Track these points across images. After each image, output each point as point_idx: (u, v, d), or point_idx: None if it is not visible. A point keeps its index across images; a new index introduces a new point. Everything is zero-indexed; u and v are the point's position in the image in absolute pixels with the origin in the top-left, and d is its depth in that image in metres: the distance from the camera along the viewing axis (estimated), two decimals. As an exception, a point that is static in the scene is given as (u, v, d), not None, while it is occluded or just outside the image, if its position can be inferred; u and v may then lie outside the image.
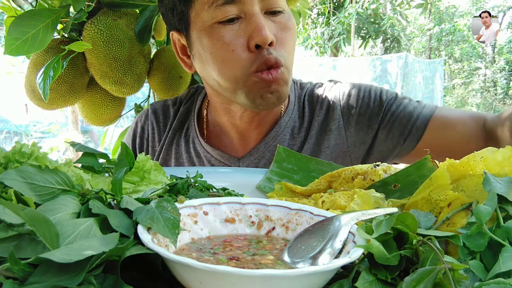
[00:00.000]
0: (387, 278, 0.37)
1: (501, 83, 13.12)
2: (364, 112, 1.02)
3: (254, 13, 0.87)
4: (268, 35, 0.86)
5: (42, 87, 1.08)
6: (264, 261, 0.41)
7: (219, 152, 1.06)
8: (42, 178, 0.42)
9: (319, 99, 1.07)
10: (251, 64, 0.88)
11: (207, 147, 1.07)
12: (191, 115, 1.13)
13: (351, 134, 1.02)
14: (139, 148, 1.17)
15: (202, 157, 1.08)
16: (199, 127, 1.11)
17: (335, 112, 1.03)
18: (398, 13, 10.63)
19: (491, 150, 0.55)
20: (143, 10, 1.27)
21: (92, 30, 1.20)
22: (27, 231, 0.35)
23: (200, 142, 1.09)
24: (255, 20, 0.86)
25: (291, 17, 0.94)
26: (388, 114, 1.00)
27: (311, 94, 1.09)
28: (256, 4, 0.87)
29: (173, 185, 0.57)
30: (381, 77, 9.69)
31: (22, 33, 0.99)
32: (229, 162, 1.05)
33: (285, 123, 1.05)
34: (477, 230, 0.42)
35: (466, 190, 0.54)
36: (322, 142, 1.02)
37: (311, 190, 0.72)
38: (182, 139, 1.11)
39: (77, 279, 0.31)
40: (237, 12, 0.87)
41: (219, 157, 1.06)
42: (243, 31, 0.87)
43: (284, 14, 0.92)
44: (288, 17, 0.93)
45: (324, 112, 1.05)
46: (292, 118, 1.06)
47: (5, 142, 6.62)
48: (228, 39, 0.88)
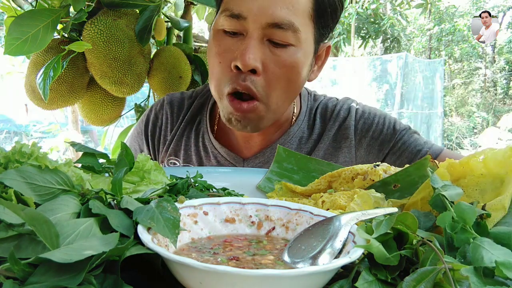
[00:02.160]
0: (387, 278, 0.37)
1: (501, 83, 13.12)
2: (377, 136, 1.03)
3: (251, 35, 0.84)
4: (248, 60, 0.82)
5: (42, 87, 1.08)
6: (264, 261, 0.41)
7: (226, 150, 1.06)
8: (42, 178, 0.42)
9: (333, 114, 1.06)
10: (227, 83, 0.88)
11: (216, 143, 1.07)
12: (204, 110, 1.13)
13: (361, 155, 1.04)
14: (150, 134, 1.17)
15: (209, 153, 1.09)
16: (211, 123, 1.11)
17: (348, 131, 1.04)
18: (398, 13, 10.63)
19: (491, 150, 0.55)
20: (143, 10, 1.27)
21: (92, 30, 1.20)
22: (27, 231, 0.35)
23: (210, 138, 1.09)
24: (247, 42, 0.84)
25: (296, 55, 0.87)
26: (400, 142, 1.02)
27: (324, 107, 1.09)
28: (257, 29, 0.84)
29: (173, 185, 0.57)
30: (381, 77, 9.69)
31: (22, 33, 0.99)
32: (234, 161, 1.05)
33: (293, 132, 1.05)
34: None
35: (466, 189, 0.54)
36: (330, 157, 1.03)
37: (311, 190, 0.72)
38: (193, 132, 1.12)
39: (77, 279, 0.31)
40: (240, 28, 0.86)
41: (226, 155, 1.06)
42: (236, 48, 0.86)
43: (288, 49, 0.86)
44: (293, 53, 0.86)
45: (336, 128, 1.05)
46: (301, 128, 1.06)
47: (5, 142, 6.62)
48: (222, 49, 0.88)
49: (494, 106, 11.92)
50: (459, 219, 0.43)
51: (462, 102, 12.58)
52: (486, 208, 0.49)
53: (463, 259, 0.40)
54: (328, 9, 0.89)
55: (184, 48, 1.45)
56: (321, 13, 0.89)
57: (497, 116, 10.63)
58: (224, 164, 1.07)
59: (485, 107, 12.01)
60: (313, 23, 0.89)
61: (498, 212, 0.48)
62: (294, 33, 0.84)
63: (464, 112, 12.05)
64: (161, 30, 1.39)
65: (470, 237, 0.41)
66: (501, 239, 0.42)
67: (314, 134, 1.06)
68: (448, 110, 12.05)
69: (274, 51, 0.85)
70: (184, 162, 1.12)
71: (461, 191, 0.48)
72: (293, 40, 0.85)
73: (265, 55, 0.85)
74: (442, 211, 0.45)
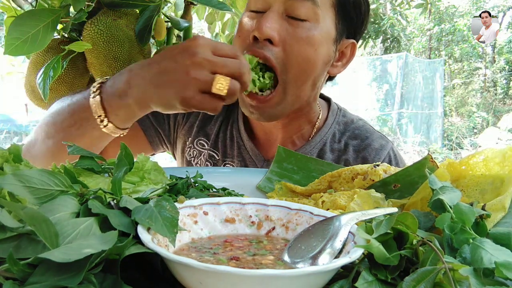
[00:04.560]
0: (387, 278, 0.37)
1: (501, 83, 13.11)
2: None
3: (272, 9, 0.88)
4: (265, 29, 0.85)
5: (42, 87, 1.08)
6: (264, 261, 0.41)
7: (252, 145, 1.06)
8: (40, 181, 0.42)
9: (363, 144, 1.05)
10: (246, 48, 0.89)
11: (244, 135, 1.07)
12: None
13: None
14: None
15: (234, 142, 1.08)
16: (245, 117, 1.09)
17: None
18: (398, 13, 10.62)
19: (491, 150, 0.55)
20: (143, 10, 1.26)
21: (92, 30, 1.19)
22: (27, 231, 0.35)
23: (239, 127, 1.08)
24: (266, 14, 0.87)
25: (313, 31, 0.89)
26: None
27: (354, 136, 1.07)
28: (278, 4, 0.88)
29: (173, 185, 0.57)
30: (381, 77, 9.68)
31: (22, 33, 0.99)
32: (256, 159, 1.05)
33: (315, 143, 1.05)
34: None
35: (466, 189, 0.54)
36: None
37: (311, 190, 0.72)
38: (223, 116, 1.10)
39: (77, 278, 0.31)
40: (264, 6, 0.89)
41: (250, 149, 1.06)
42: (256, 22, 0.89)
43: (305, 24, 0.88)
44: (309, 29, 0.89)
45: (360, 162, 1.03)
46: (324, 139, 1.06)
47: (5, 142, 6.62)
48: (243, 24, 0.92)
49: (494, 106, 11.91)
50: (458, 220, 0.43)
51: (462, 102, 12.57)
52: (486, 208, 0.48)
53: (463, 260, 0.40)
54: (350, 1, 0.93)
55: (184, 48, 1.44)
56: (343, 4, 0.92)
57: (497, 116, 10.62)
58: (245, 157, 1.07)
59: (485, 107, 12.00)
60: (334, 11, 0.92)
61: (498, 212, 0.48)
62: (313, 6, 0.88)
63: (464, 112, 12.05)
64: (161, 30, 1.39)
65: (469, 237, 0.41)
66: (500, 239, 0.42)
67: (335, 151, 1.05)
68: (448, 110, 12.05)
69: (292, 25, 0.88)
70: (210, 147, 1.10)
71: (460, 194, 0.48)
72: (311, 15, 0.88)
73: (282, 27, 0.88)
74: (442, 213, 0.45)
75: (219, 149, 1.09)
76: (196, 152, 1.11)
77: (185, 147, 1.13)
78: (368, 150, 1.04)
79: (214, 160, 1.10)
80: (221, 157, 1.09)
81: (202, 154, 1.10)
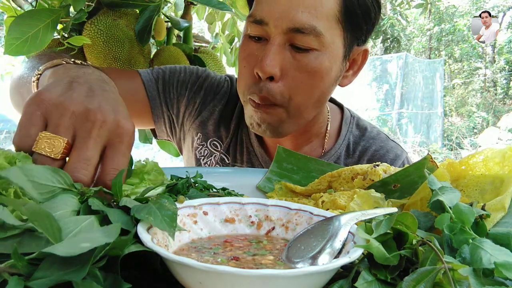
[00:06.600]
0: (386, 278, 0.37)
1: (501, 83, 13.12)
2: None
3: (273, 41, 0.84)
4: (266, 67, 0.82)
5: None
6: (264, 261, 0.41)
7: (262, 151, 1.05)
8: (44, 177, 0.42)
9: (377, 155, 1.04)
10: (250, 88, 0.88)
11: (255, 141, 1.06)
12: None
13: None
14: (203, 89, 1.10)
15: (244, 147, 1.07)
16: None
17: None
18: (398, 13, 10.63)
19: (491, 150, 0.55)
20: (143, 10, 1.27)
21: (92, 30, 1.20)
22: (29, 228, 0.35)
23: (249, 133, 1.07)
24: (268, 47, 0.84)
25: (319, 59, 0.84)
26: None
27: (369, 145, 1.06)
28: (279, 34, 0.83)
29: (173, 185, 0.57)
30: (381, 77, 9.69)
31: (22, 33, 0.99)
32: (266, 166, 1.03)
33: (330, 156, 1.04)
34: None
35: (466, 189, 0.54)
36: None
37: (311, 190, 0.72)
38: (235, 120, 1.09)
39: (82, 272, 0.31)
40: (263, 34, 0.86)
41: (260, 155, 1.05)
42: (259, 53, 0.86)
43: (311, 54, 0.84)
44: (316, 58, 0.84)
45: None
46: (338, 152, 1.05)
47: (5, 142, 6.62)
48: (247, 54, 0.89)
49: (494, 106, 11.92)
50: (457, 220, 0.43)
51: (462, 102, 12.58)
52: (486, 208, 0.49)
53: (463, 260, 0.40)
54: (358, 11, 0.86)
55: (184, 48, 1.45)
56: (350, 16, 0.85)
57: (497, 116, 10.62)
58: (255, 164, 1.05)
59: (485, 107, 12.01)
60: (341, 26, 0.85)
61: (498, 212, 0.48)
62: (317, 37, 0.82)
63: (464, 112, 12.05)
64: (161, 30, 1.39)
65: (469, 238, 0.41)
66: (500, 239, 0.42)
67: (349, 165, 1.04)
68: (448, 110, 12.05)
69: (295, 56, 0.84)
70: (223, 150, 1.09)
71: (459, 194, 0.48)
72: (316, 45, 0.83)
73: (285, 60, 0.84)
74: (441, 213, 0.45)
75: (230, 153, 1.09)
76: (207, 152, 1.10)
77: (194, 142, 1.11)
78: (382, 161, 1.03)
79: (224, 163, 1.09)
80: (231, 161, 1.09)
81: (214, 155, 1.10)
